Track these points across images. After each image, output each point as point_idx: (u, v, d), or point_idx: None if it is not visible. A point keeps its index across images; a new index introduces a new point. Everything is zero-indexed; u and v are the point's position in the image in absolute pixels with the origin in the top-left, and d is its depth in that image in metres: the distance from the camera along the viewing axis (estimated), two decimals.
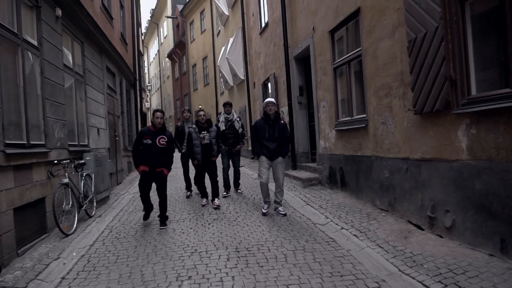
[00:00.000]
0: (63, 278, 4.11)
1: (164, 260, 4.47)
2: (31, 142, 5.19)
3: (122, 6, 13.41)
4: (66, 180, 5.70)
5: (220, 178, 7.47)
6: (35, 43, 5.59)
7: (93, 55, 8.81)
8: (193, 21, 26.59)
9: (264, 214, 6.25)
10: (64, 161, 5.87)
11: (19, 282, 3.90)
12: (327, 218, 5.85)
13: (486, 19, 4.07)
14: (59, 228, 5.37)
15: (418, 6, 4.58)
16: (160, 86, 38.82)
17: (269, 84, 12.65)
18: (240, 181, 8.34)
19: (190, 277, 3.93)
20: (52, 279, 4.09)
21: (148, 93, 37.35)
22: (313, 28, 8.44)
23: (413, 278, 3.66)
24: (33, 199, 5.17)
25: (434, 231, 4.65)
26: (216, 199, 7.02)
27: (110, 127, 10.25)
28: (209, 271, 4.07)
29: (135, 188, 9.91)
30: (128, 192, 9.37)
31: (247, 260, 4.33)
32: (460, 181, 4.19)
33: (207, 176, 7.26)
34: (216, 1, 19.34)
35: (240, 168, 8.45)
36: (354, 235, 5.02)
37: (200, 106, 9.01)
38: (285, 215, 6.20)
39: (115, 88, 11.43)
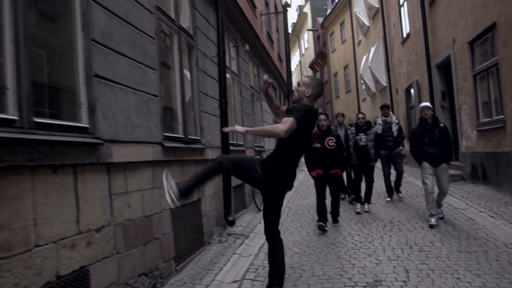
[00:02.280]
0: None
1: (336, 227, 6.17)
2: (238, 142, 7.44)
3: (277, 30, 15.78)
4: None
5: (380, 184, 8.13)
6: (236, 72, 7.88)
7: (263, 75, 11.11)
8: (333, 32, 28.26)
9: (431, 227, 5.71)
10: (256, 157, 8.04)
11: (243, 232, 6.01)
12: (468, 204, 6.92)
13: None
14: (255, 204, 7.50)
15: None
16: None
17: (412, 90, 13.63)
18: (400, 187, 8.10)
19: (359, 234, 5.58)
20: (262, 233, 6.02)
21: None
22: (453, 39, 9.41)
23: None
24: (239, 183, 7.37)
25: None
26: (366, 204, 7.05)
27: None
28: (372, 231, 5.68)
29: (295, 183, 11.90)
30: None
31: (399, 228, 5.81)
32: None
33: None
34: (357, 13, 20.70)
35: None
36: (491, 216, 6.06)
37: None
38: (442, 218, 6.08)
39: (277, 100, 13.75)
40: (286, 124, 3.00)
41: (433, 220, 5.79)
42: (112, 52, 3.24)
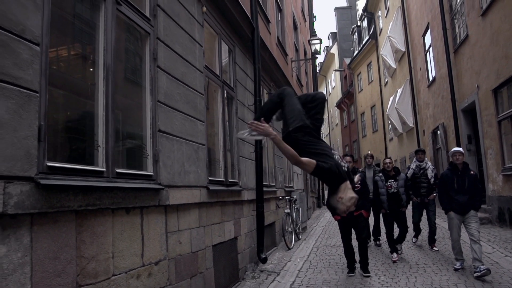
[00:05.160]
0: (299, 270, 6.44)
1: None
2: (270, 183, 7.89)
3: (306, 73, 16.48)
4: (288, 210, 8.24)
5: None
6: None
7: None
8: (360, 72, 28.89)
9: (456, 270, 5.87)
10: (286, 197, 8.46)
11: (274, 269, 6.36)
12: (494, 248, 7.08)
13: None
14: (285, 242, 7.86)
15: None
16: (329, 133, 41.73)
17: (438, 133, 13.89)
18: (436, 237, 7.59)
19: (385, 275, 5.86)
20: (292, 271, 6.44)
21: None
22: (477, 86, 9.77)
23: None
24: (270, 222, 7.78)
25: None
26: (395, 253, 6.75)
27: (303, 173, 12.93)
28: (398, 272, 5.95)
29: (322, 223, 12.20)
30: (318, 225, 11.69)
31: (424, 269, 6.05)
32: None
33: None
34: (383, 55, 21.27)
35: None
36: None
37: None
38: (489, 271, 5.38)
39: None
40: (307, 164, 2.85)
41: (458, 264, 5.93)
42: (171, 110, 3.82)
